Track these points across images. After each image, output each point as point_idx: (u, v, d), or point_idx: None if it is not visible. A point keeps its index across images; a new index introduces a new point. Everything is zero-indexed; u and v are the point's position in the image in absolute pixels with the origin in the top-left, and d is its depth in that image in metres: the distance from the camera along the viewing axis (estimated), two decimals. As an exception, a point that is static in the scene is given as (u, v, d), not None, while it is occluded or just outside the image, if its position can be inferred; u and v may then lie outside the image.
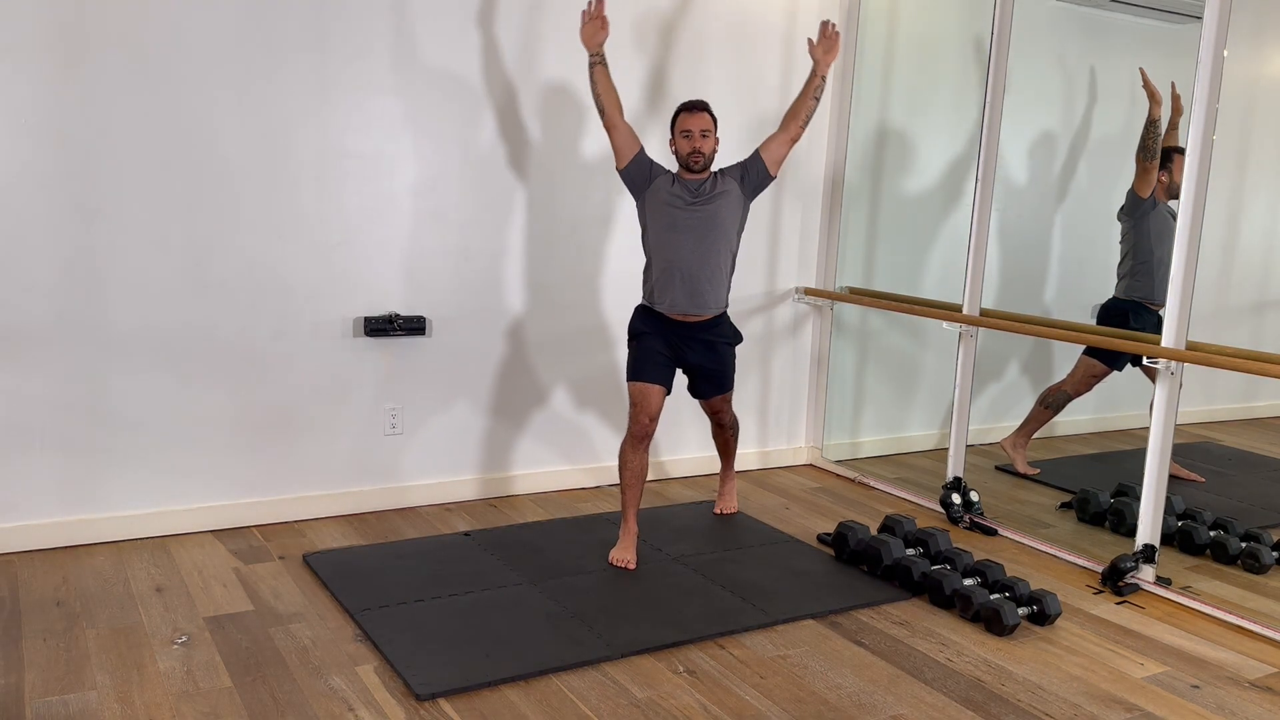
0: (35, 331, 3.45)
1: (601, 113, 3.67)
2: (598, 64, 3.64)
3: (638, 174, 3.69)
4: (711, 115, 3.65)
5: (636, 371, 3.70)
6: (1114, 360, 4.37)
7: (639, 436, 3.66)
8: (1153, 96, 4.15)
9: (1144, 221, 4.28)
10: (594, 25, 3.65)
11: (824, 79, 3.72)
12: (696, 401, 4.02)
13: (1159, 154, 4.19)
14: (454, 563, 3.57)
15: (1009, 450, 4.72)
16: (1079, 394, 4.52)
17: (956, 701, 2.79)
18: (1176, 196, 4.13)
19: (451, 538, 3.82)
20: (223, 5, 3.55)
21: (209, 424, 3.75)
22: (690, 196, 3.63)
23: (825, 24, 3.76)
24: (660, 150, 4.44)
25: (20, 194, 3.37)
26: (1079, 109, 4.78)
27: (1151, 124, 4.15)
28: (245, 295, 3.74)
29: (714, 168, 3.70)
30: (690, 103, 3.67)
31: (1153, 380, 3.55)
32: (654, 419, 3.66)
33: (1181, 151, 3.71)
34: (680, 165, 3.66)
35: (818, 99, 3.73)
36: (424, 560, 3.58)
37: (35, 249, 3.41)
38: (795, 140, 3.75)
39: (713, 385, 3.87)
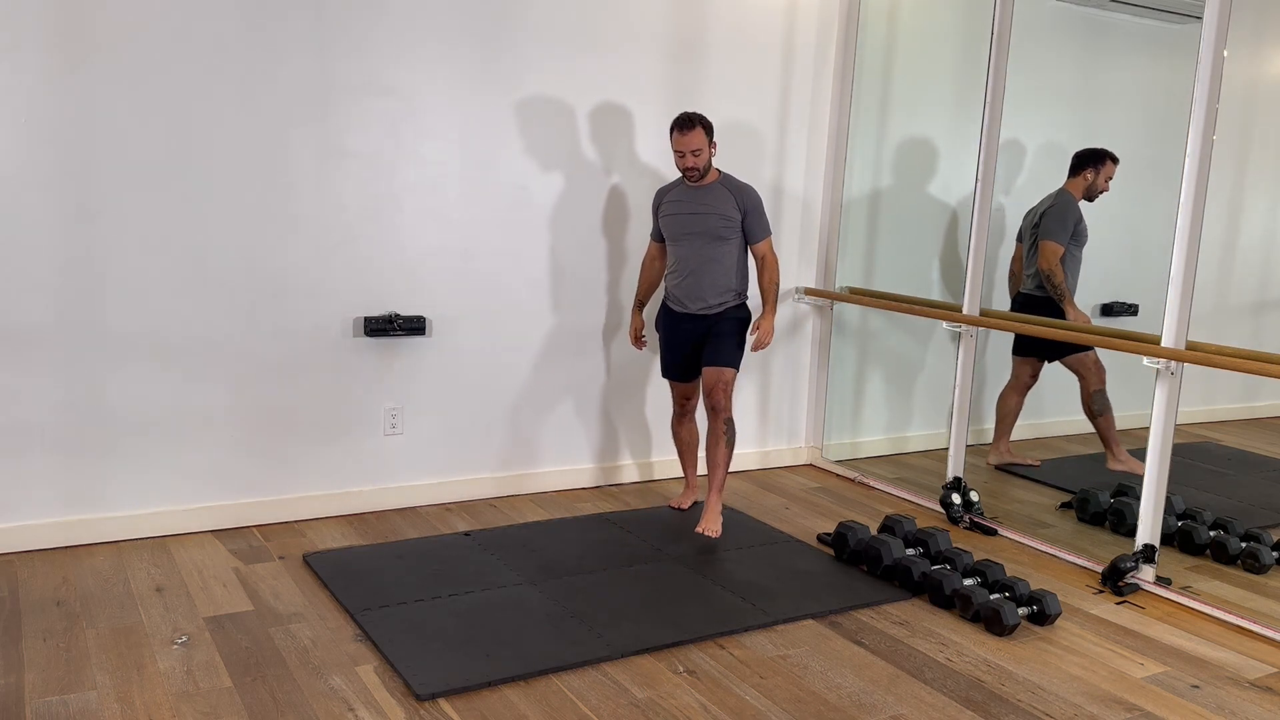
0: (35, 332, 3.45)
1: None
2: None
3: (655, 211, 4.09)
4: (704, 127, 3.79)
5: (664, 368, 4.16)
6: (1041, 352, 4.53)
7: (678, 414, 4.21)
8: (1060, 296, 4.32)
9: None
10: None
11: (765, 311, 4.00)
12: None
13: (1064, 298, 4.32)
14: (454, 563, 3.57)
15: (999, 460, 4.73)
16: (1027, 389, 4.65)
17: (956, 701, 2.79)
18: (1092, 199, 4.24)
19: (451, 538, 3.82)
20: (223, 5, 3.55)
21: (209, 424, 3.75)
22: (689, 198, 3.92)
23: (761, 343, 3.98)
24: (662, 149, 4.46)
25: (20, 194, 3.37)
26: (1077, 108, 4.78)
27: (1054, 286, 4.32)
28: (245, 295, 3.74)
29: (725, 171, 3.97)
30: (681, 120, 3.80)
31: (1072, 371, 3.67)
32: (689, 399, 4.15)
33: (1114, 159, 3.84)
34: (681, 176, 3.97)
35: (766, 300, 3.98)
36: (424, 560, 3.58)
37: (35, 249, 3.41)
38: (756, 257, 3.97)
39: (707, 353, 3.94)
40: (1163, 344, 3.51)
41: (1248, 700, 2.88)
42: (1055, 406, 4.69)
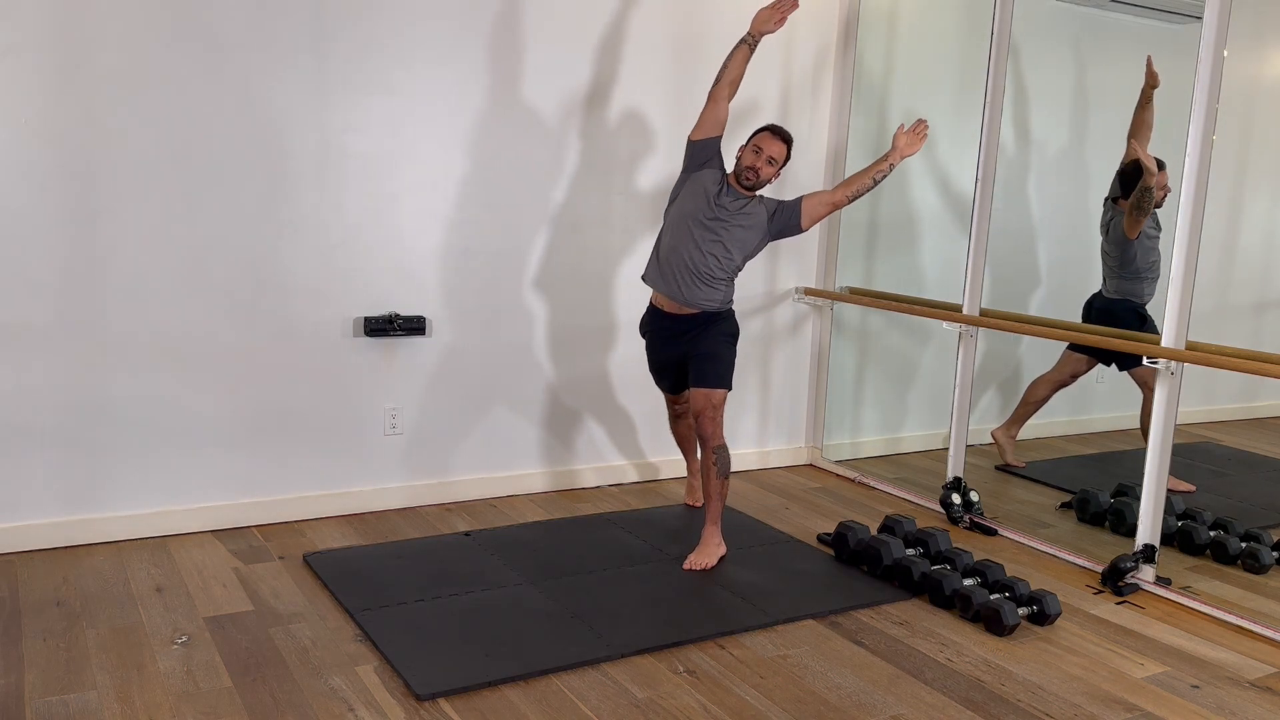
0: (35, 331, 3.45)
1: (717, 81, 3.69)
2: (749, 46, 3.69)
3: (701, 154, 3.72)
4: (789, 150, 3.66)
5: (653, 374, 4.04)
6: (1107, 357, 4.33)
7: (671, 416, 4.18)
8: (1148, 169, 4.10)
9: (1130, 246, 4.28)
10: (772, 14, 3.68)
11: (892, 167, 3.67)
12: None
13: (1149, 213, 4.17)
14: (454, 563, 3.57)
15: (1003, 437, 4.71)
16: (1063, 386, 4.56)
17: (956, 701, 2.79)
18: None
19: (451, 538, 3.82)
20: (224, 5, 3.55)
21: (209, 424, 3.75)
22: (723, 207, 3.64)
23: (920, 121, 3.70)
24: (662, 148, 4.46)
25: (21, 194, 3.37)
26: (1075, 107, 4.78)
27: (1146, 190, 4.11)
28: (245, 295, 3.74)
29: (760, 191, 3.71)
30: (777, 128, 3.67)
31: (1139, 384, 3.56)
32: (679, 403, 4.07)
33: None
34: (734, 171, 3.67)
35: (876, 182, 3.67)
36: (424, 560, 3.58)
37: (35, 249, 3.41)
38: (838, 206, 3.70)
39: (694, 372, 3.67)
40: (1163, 344, 3.51)
41: (1248, 700, 2.88)
42: (1056, 406, 4.69)
